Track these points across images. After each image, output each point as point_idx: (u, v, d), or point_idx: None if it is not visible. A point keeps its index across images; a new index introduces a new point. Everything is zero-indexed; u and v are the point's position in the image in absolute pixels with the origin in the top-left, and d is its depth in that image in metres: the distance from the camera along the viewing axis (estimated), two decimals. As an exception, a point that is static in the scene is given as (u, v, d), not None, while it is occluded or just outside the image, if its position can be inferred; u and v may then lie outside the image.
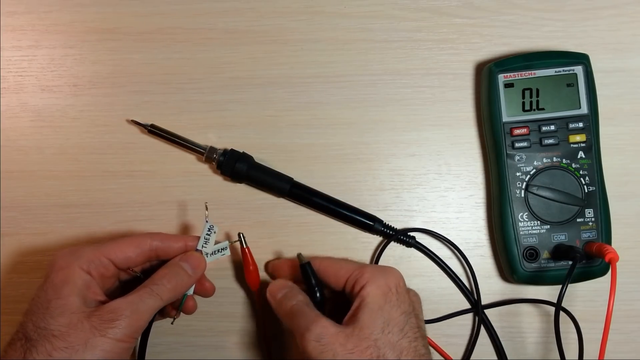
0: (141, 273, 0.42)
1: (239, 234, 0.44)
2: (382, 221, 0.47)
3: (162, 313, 0.43)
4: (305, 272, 0.41)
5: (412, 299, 0.39)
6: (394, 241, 0.47)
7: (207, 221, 0.42)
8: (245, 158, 0.46)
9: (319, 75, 0.49)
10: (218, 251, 0.43)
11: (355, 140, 0.48)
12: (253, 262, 0.45)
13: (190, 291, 0.42)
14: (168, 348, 0.47)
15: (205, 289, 0.43)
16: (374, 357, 0.35)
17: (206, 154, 0.46)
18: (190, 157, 0.48)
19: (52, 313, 0.36)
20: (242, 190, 0.48)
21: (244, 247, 0.44)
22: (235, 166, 0.46)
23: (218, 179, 0.48)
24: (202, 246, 0.42)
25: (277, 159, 0.48)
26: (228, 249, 0.43)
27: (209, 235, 0.42)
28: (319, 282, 0.41)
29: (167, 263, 0.41)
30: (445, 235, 0.47)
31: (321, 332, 0.36)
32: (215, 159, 0.46)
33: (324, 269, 0.41)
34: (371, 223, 0.46)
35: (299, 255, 0.41)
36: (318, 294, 0.40)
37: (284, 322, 0.40)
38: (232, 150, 0.47)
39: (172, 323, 0.43)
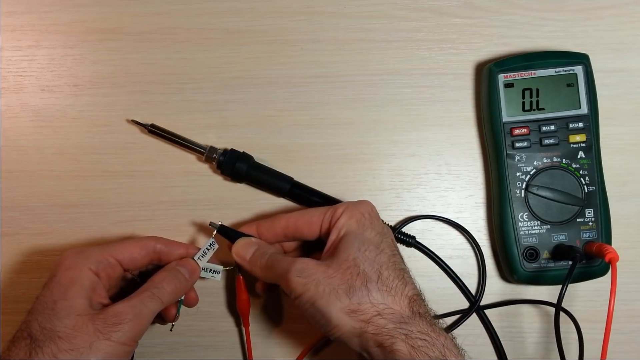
0: (138, 277, 0.42)
1: (235, 263, 0.44)
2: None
3: (162, 317, 0.43)
4: (224, 233, 0.43)
5: (385, 225, 0.40)
6: (394, 241, 0.47)
7: (213, 238, 0.43)
8: (245, 158, 0.46)
9: (319, 75, 0.49)
10: (210, 270, 0.43)
11: (356, 140, 0.48)
12: (245, 292, 0.45)
13: (182, 296, 0.42)
14: (168, 348, 0.47)
15: (190, 299, 0.44)
16: (354, 274, 0.36)
17: (206, 153, 0.46)
18: (190, 157, 0.48)
19: (58, 314, 0.36)
20: (242, 190, 0.48)
21: (239, 274, 0.44)
22: (236, 166, 0.46)
23: (218, 179, 0.48)
24: (199, 258, 0.42)
25: (277, 159, 0.48)
26: (220, 275, 0.43)
27: (208, 249, 0.43)
28: (241, 234, 0.42)
29: (165, 267, 0.41)
30: (445, 235, 0.48)
31: (301, 267, 0.37)
32: (215, 159, 0.46)
33: (294, 222, 0.41)
34: (371, 223, 0.46)
35: (211, 224, 0.43)
36: None
37: (263, 278, 0.40)
38: (232, 150, 0.47)
39: (171, 330, 0.43)
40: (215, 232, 0.43)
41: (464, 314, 0.47)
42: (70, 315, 0.36)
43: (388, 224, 0.46)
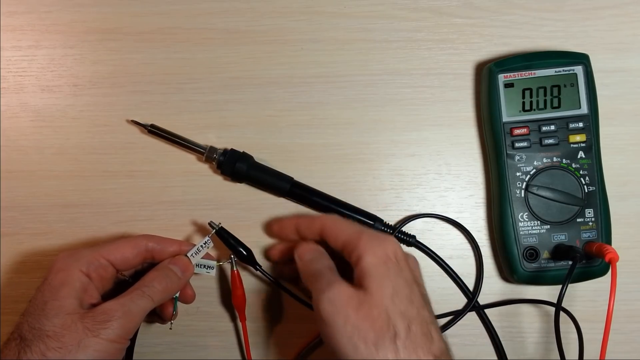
0: (130, 277, 0.43)
1: (230, 257, 0.44)
2: (383, 220, 0.47)
3: (160, 316, 0.43)
4: (222, 236, 0.44)
5: (411, 267, 0.39)
6: (394, 241, 0.47)
7: (209, 236, 0.43)
8: (245, 158, 0.46)
9: (319, 75, 0.49)
10: (204, 266, 0.43)
11: (355, 140, 0.48)
12: (241, 287, 0.45)
13: (177, 294, 0.42)
14: (168, 348, 0.47)
15: (186, 295, 0.44)
16: (384, 326, 0.35)
17: (206, 153, 0.46)
18: (190, 157, 0.48)
19: (48, 314, 0.36)
20: (242, 190, 0.48)
21: (234, 270, 0.45)
22: (236, 166, 0.46)
23: (218, 179, 0.48)
24: (192, 255, 0.43)
25: (277, 159, 0.48)
26: (214, 271, 0.44)
27: (202, 247, 0.43)
28: (238, 240, 0.44)
29: (157, 266, 0.41)
30: (445, 235, 0.48)
31: (335, 294, 0.36)
32: (215, 159, 0.46)
33: (326, 227, 0.41)
34: (372, 222, 0.46)
35: (210, 223, 0.44)
36: (244, 251, 0.44)
37: (306, 282, 0.40)
38: (232, 150, 0.47)
39: (170, 328, 0.43)
40: (213, 232, 0.44)
41: (462, 310, 0.47)
42: (59, 315, 0.36)
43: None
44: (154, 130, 0.47)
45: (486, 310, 0.47)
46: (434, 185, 0.48)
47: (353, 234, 0.39)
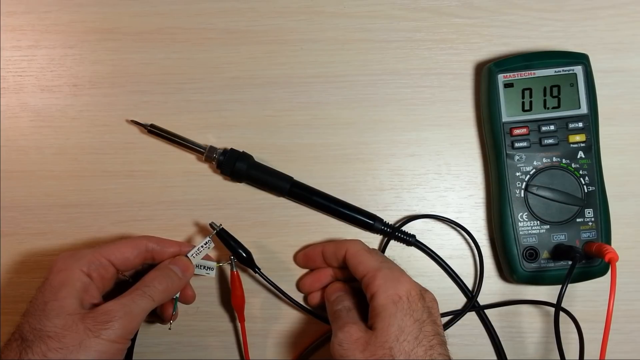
0: (130, 277, 0.43)
1: (230, 258, 0.44)
2: (383, 220, 0.47)
3: (160, 316, 0.44)
4: (222, 237, 0.44)
5: (428, 305, 0.39)
6: (394, 240, 0.47)
7: (210, 237, 0.43)
8: (245, 157, 0.46)
9: (319, 75, 0.49)
10: (204, 267, 0.44)
11: (355, 140, 0.48)
12: (240, 287, 0.45)
13: (177, 295, 0.43)
14: (168, 348, 0.47)
15: (186, 296, 0.44)
16: None
17: (206, 153, 0.46)
18: (190, 157, 0.48)
19: (48, 314, 0.36)
20: (242, 190, 0.48)
21: (233, 271, 0.44)
22: (235, 165, 0.46)
23: (218, 179, 0.48)
24: (193, 255, 0.43)
25: (277, 159, 0.48)
26: (214, 271, 0.44)
27: (203, 247, 0.43)
28: (238, 242, 0.44)
29: (157, 266, 0.41)
30: (445, 235, 0.48)
31: (345, 336, 0.38)
32: (215, 159, 0.46)
33: (348, 257, 0.42)
34: (371, 222, 0.46)
35: (211, 224, 0.44)
36: (243, 253, 0.44)
37: (330, 321, 0.42)
38: (232, 149, 0.47)
39: (169, 328, 0.43)
40: (214, 232, 0.44)
41: (461, 310, 0.47)
42: (60, 315, 0.36)
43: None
44: (153, 130, 0.47)
45: (486, 310, 0.47)
46: (433, 185, 0.48)
47: (371, 270, 0.40)
